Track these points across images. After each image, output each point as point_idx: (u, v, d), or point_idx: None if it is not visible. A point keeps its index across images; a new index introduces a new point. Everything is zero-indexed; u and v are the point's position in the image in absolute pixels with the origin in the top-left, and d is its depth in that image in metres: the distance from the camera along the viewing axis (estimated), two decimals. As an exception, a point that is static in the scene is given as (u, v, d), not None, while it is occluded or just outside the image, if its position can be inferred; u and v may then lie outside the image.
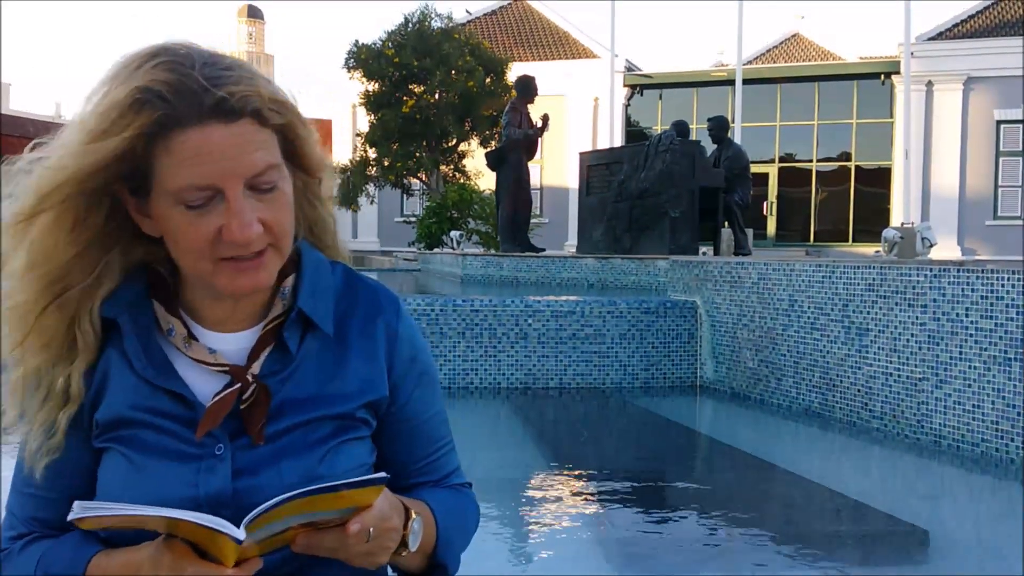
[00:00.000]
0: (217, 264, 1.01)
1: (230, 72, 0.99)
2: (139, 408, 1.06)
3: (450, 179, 20.81)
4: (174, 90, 0.96)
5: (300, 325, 1.10)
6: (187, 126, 0.96)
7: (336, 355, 1.11)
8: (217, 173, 0.97)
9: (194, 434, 1.04)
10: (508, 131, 11.54)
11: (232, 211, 0.98)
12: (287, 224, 1.04)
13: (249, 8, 60.22)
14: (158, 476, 1.03)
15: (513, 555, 3.28)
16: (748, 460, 4.95)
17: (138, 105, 0.96)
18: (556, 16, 27.78)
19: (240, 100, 0.98)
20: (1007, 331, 4.53)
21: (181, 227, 1.00)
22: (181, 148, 0.97)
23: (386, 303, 1.17)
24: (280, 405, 1.06)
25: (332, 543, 0.97)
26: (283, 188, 1.03)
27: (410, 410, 1.17)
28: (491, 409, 6.22)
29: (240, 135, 0.98)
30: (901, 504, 4.11)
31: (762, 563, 3.18)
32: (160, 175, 0.98)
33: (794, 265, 6.01)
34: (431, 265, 13.98)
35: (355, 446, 1.11)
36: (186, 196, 0.98)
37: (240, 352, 1.08)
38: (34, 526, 1.10)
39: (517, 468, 4.65)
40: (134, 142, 0.97)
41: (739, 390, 6.39)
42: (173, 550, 0.94)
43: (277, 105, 1.02)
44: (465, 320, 6.40)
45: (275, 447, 1.05)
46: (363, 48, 20.38)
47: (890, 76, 23.44)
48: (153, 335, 1.08)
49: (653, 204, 10.03)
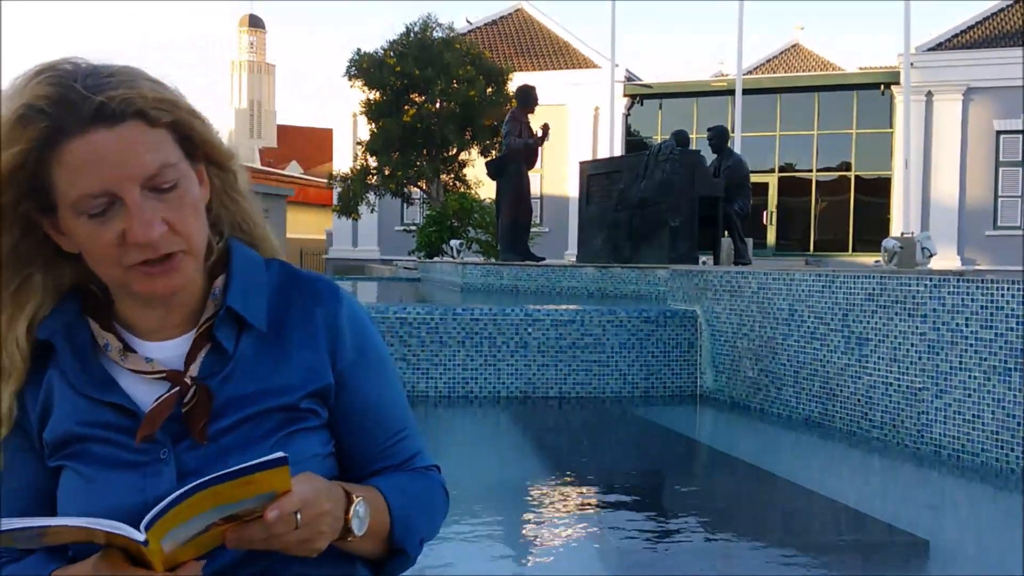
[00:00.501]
0: (128, 271, 1.01)
1: (110, 78, 1.00)
2: (85, 423, 1.07)
3: (450, 188, 20.82)
4: (55, 103, 0.98)
5: (234, 323, 1.10)
6: (72, 136, 0.97)
7: (276, 349, 1.11)
8: (109, 178, 0.98)
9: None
10: (508, 140, 11.56)
11: (131, 213, 0.98)
12: (193, 223, 1.04)
13: (250, 18, 60.25)
14: (108, 486, 1.04)
15: (512, 563, 3.27)
16: (748, 470, 4.95)
17: (24, 121, 0.98)
18: (556, 26, 27.86)
19: (121, 103, 0.98)
20: (1007, 341, 4.53)
21: (87, 237, 1.01)
22: (70, 158, 0.98)
23: (325, 292, 1.17)
24: (223, 404, 1.07)
25: (260, 533, 0.96)
26: (185, 187, 1.04)
27: (362, 396, 1.17)
28: (491, 418, 6.22)
29: (126, 138, 0.99)
30: (901, 514, 4.11)
31: (762, 572, 3.18)
32: (58, 189, 1.00)
33: (794, 275, 6.01)
34: (431, 274, 13.99)
35: (305, 437, 1.10)
36: (84, 205, 0.99)
37: (178, 358, 1.09)
38: (2, 551, 1.10)
39: (516, 477, 4.64)
40: (24, 157, 0.98)
41: (739, 399, 6.39)
42: (109, 560, 0.95)
43: (162, 103, 1.02)
44: (465, 329, 6.40)
45: (221, 445, 1.06)
46: (364, 57, 20.43)
47: (890, 86, 23.48)
48: (90, 352, 1.09)
49: (653, 213, 10.04)
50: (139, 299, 1.08)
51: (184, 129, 1.05)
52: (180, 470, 1.04)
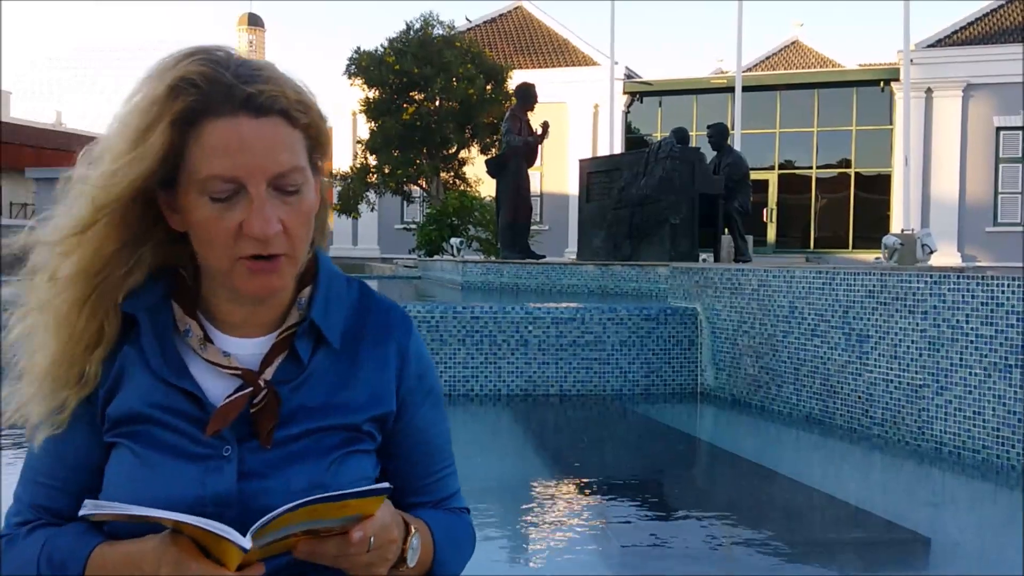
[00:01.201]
0: (235, 263, 1.03)
1: (260, 71, 1.03)
2: (152, 405, 1.07)
3: (450, 186, 20.81)
4: (207, 80, 1.00)
5: (312, 336, 1.12)
6: (218, 116, 1.00)
7: (347, 368, 1.13)
8: (242, 166, 1.00)
9: (203, 434, 1.06)
10: (508, 138, 11.56)
11: (254, 206, 1.00)
12: (304, 231, 1.06)
13: (250, 16, 60.31)
14: (165, 473, 1.05)
15: (513, 561, 3.27)
16: (748, 467, 4.95)
17: (174, 94, 0.99)
18: (556, 23, 27.84)
19: (269, 97, 1.01)
20: (1007, 338, 4.53)
21: (205, 219, 1.02)
22: (211, 137, 1.00)
23: (398, 322, 1.19)
24: (291, 412, 1.08)
25: (334, 550, 0.98)
26: (305, 193, 1.05)
27: (415, 427, 1.19)
28: (491, 416, 6.22)
29: (268, 132, 1.01)
30: (902, 511, 4.11)
31: (763, 570, 3.18)
32: (189, 164, 1.01)
33: (794, 272, 6.01)
34: (431, 272, 13.98)
35: (360, 458, 1.12)
36: (211, 187, 1.00)
37: (253, 357, 1.10)
38: (40, 514, 1.11)
39: (517, 475, 4.65)
40: (171, 133, 0.99)
41: (739, 397, 6.39)
42: (178, 545, 0.95)
43: (303, 106, 1.04)
44: (465, 327, 6.40)
45: (284, 452, 1.07)
46: (364, 55, 20.41)
47: (889, 83, 23.47)
48: (170, 335, 1.10)
49: (653, 211, 10.04)
50: (230, 292, 1.09)
51: (314, 135, 1.07)
52: (241, 470, 1.05)
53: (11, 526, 1.12)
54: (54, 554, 1.06)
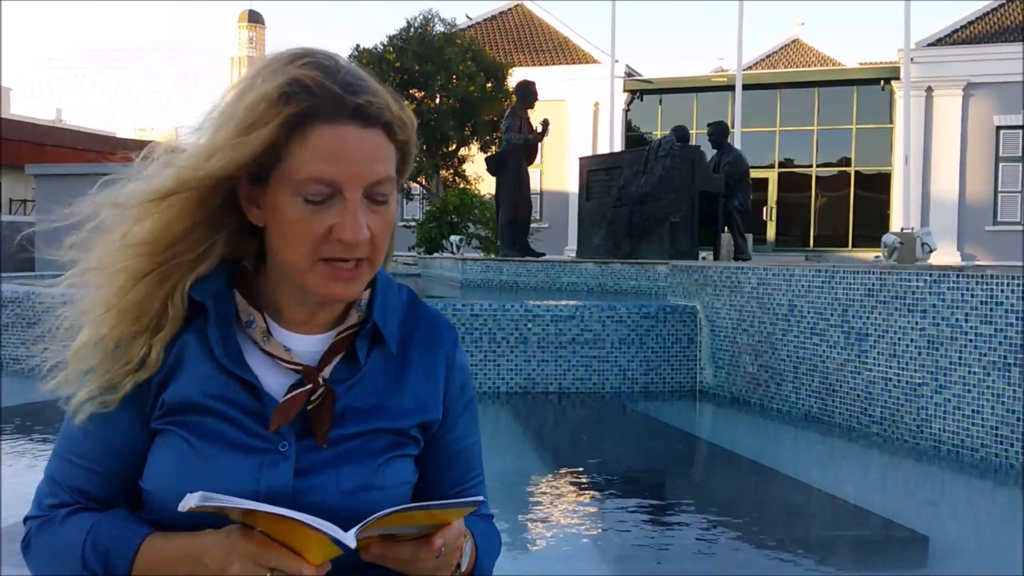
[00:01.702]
0: (316, 264, 1.04)
1: (366, 83, 1.05)
2: (209, 395, 1.07)
3: (450, 184, 20.81)
4: (320, 86, 1.01)
5: (370, 338, 1.13)
6: (327, 121, 1.01)
7: (397, 372, 1.14)
8: (343, 172, 1.01)
9: (259, 427, 1.06)
10: (508, 136, 11.55)
11: (348, 211, 1.01)
12: (386, 240, 1.08)
13: (250, 13, 60.14)
14: (219, 465, 1.04)
15: (512, 558, 3.27)
16: (747, 465, 4.95)
17: (286, 97, 1.01)
18: (556, 21, 27.81)
19: (377, 109, 1.03)
20: (1007, 336, 4.53)
21: (295, 219, 1.02)
22: (317, 141, 1.01)
23: (446, 331, 1.22)
24: (343, 411, 1.09)
25: (407, 555, 1.00)
26: (391, 205, 1.07)
27: (455, 435, 1.21)
28: (491, 413, 6.22)
29: (372, 142, 1.03)
30: (900, 509, 4.11)
31: (761, 567, 3.18)
32: (289, 164, 1.02)
33: (794, 270, 6.01)
34: (431, 270, 13.98)
35: (403, 463, 1.13)
36: (308, 189, 1.01)
37: (311, 354, 1.11)
38: (77, 497, 1.09)
39: (516, 472, 4.65)
40: (278, 133, 1.00)
41: (738, 395, 6.39)
42: (253, 539, 0.94)
43: (402, 123, 1.06)
44: (465, 324, 6.40)
45: (336, 451, 1.08)
46: (364, 52, 20.41)
47: (890, 82, 23.47)
48: (232, 325, 1.10)
49: (653, 209, 10.04)
50: (298, 292, 1.10)
51: (405, 152, 1.09)
52: (296, 467, 1.05)
53: (44, 507, 1.10)
54: (99, 541, 1.04)
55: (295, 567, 0.93)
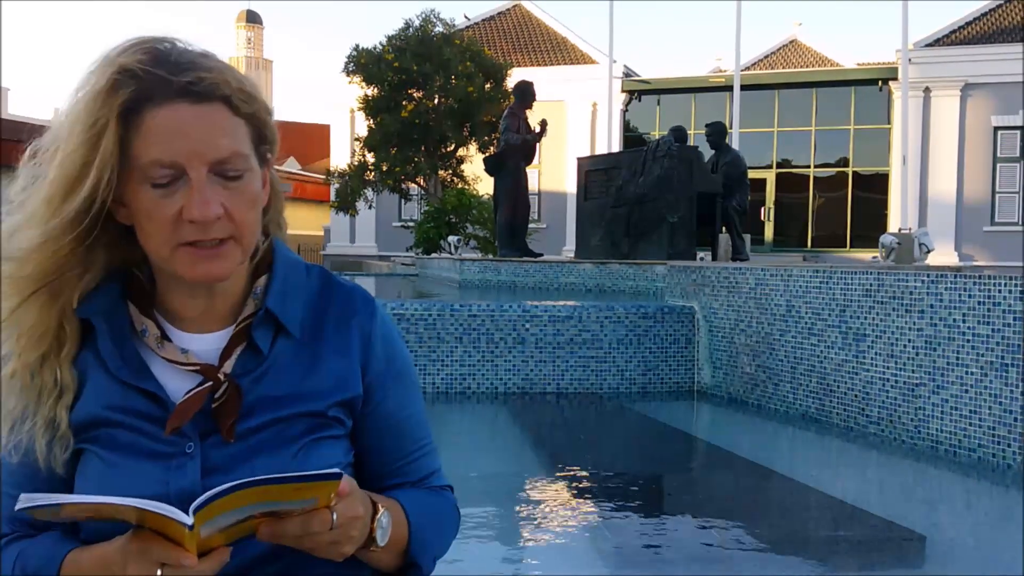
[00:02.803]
0: (176, 250, 1.02)
1: (203, 59, 1.04)
2: (114, 408, 1.07)
3: (448, 184, 20.81)
4: (147, 69, 1.00)
5: (271, 325, 1.11)
6: (158, 103, 1.00)
7: (309, 355, 1.12)
8: (182, 151, 1.00)
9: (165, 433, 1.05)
10: (506, 136, 11.55)
11: (193, 190, 1.00)
12: (249, 215, 1.05)
13: (248, 13, 60.10)
14: (130, 474, 1.04)
15: (510, 559, 3.28)
16: (745, 465, 4.95)
17: (116, 86, 1.00)
18: (554, 22, 27.82)
19: (210, 84, 1.01)
20: (1004, 337, 4.54)
21: (146, 206, 1.01)
22: (151, 124, 1.00)
23: (361, 304, 1.18)
24: (253, 404, 1.07)
25: (296, 530, 0.98)
26: (250, 180, 1.05)
27: (386, 409, 1.18)
28: (489, 414, 6.22)
29: (208, 118, 1.01)
30: (898, 509, 4.11)
31: (759, 568, 3.18)
32: (132, 154, 1.01)
33: (791, 270, 6.01)
34: (429, 270, 13.98)
35: (330, 445, 1.11)
36: (152, 173, 1.00)
37: (213, 352, 1.09)
38: (16, 526, 1.10)
39: (514, 473, 4.65)
40: (117, 127, 1.00)
41: (736, 395, 6.40)
42: (141, 537, 0.95)
43: (245, 95, 1.05)
44: (463, 325, 6.40)
45: (248, 444, 1.06)
46: (363, 52, 20.39)
47: (888, 82, 23.48)
48: (128, 336, 1.09)
49: (651, 209, 10.04)
50: (182, 286, 1.09)
51: (259, 125, 1.08)
52: (205, 466, 1.05)
53: None
54: (28, 564, 1.06)
55: (175, 557, 0.93)
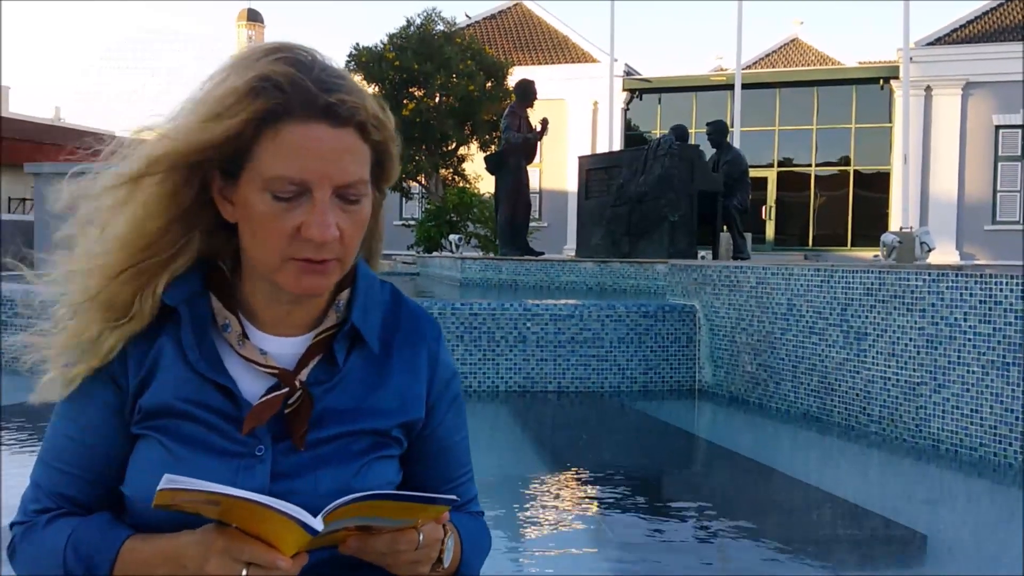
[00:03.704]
0: (285, 262, 1.03)
1: (342, 80, 1.03)
2: (186, 399, 1.06)
3: (449, 183, 20.80)
4: (291, 83, 1.00)
5: (350, 339, 1.12)
6: (297, 119, 1.00)
7: (379, 372, 1.13)
8: (312, 171, 1.00)
9: (236, 431, 1.05)
10: (507, 135, 11.55)
11: (316, 210, 1.00)
12: (357, 240, 1.07)
13: (249, 12, 60.19)
14: (195, 469, 1.03)
15: (511, 557, 3.28)
16: (746, 464, 4.95)
17: (255, 92, 0.99)
18: (555, 20, 27.81)
19: (349, 109, 1.01)
20: (1005, 336, 4.54)
21: (264, 216, 1.01)
22: (287, 138, 1.00)
23: (429, 328, 1.20)
24: (322, 414, 1.08)
25: (383, 548, 0.99)
26: (364, 205, 1.06)
27: (441, 433, 1.19)
28: (490, 412, 6.22)
29: (342, 141, 1.01)
30: (899, 508, 4.11)
31: (760, 566, 3.18)
32: (258, 160, 1.01)
33: (792, 269, 6.01)
34: (430, 268, 13.98)
35: (386, 464, 1.12)
36: (277, 186, 1.00)
37: (289, 357, 1.10)
38: (61, 502, 1.09)
39: (515, 471, 4.65)
40: (245, 126, 0.99)
41: (737, 394, 6.39)
42: (229, 534, 0.94)
43: (378, 123, 1.05)
44: (464, 323, 6.40)
45: (314, 454, 1.07)
46: (363, 51, 20.38)
47: (889, 81, 23.47)
48: (208, 329, 1.09)
49: (652, 208, 10.04)
50: (270, 290, 1.09)
51: (381, 153, 1.08)
52: (273, 470, 1.05)
53: (29, 512, 1.10)
54: (80, 546, 1.05)
55: (269, 559, 0.92)
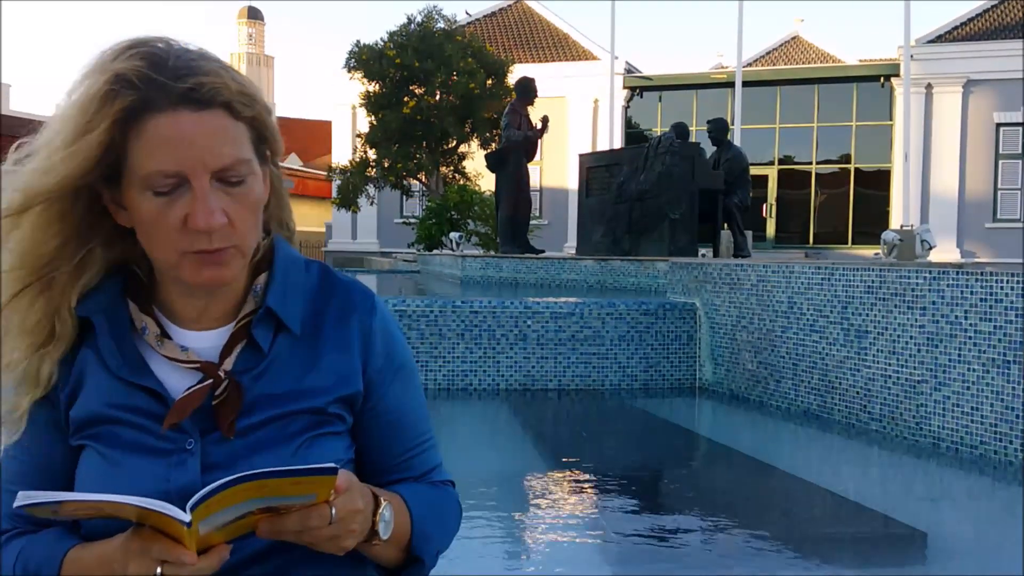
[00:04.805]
0: (181, 256, 1.02)
1: (201, 63, 1.01)
2: (114, 406, 1.07)
3: (450, 180, 20.80)
4: (146, 77, 0.98)
5: (271, 323, 1.11)
6: (158, 111, 0.98)
7: (309, 351, 1.12)
8: (184, 160, 0.99)
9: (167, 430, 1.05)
10: (508, 133, 11.55)
11: (197, 199, 0.99)
12: (250, 221, 1.05)
13: (249, 9, 60.06)
14: (131, 471, 1.04)
15: (511, 556, 3.28)
16: (747, 462, 4.96)
17: (113, 94, 0.98)
18: (556, 18, 27.80)
19: (210, 90, 1.00)
20: (1006, 333, 4.54)
21: (149, 214, 1.01)
22: (152, 133, 0.98)
23: (360, 300, 1.17)
24: (254, 401, 1.07)
25: (295, 525, 0.98)
26: (251, 184, 1.04)
27: (387, 405, 1.18)
28: (490, 410, 6.23)
29: (210, 125, 1.00)
30: (899, 506, 4.12)
31: (760, 564, 3.18)
32: (131, 161, 1.00)
33: (793, 267, 6.01)
34: (430, 266, 13.98)
35: (330, 440, 1.11)
36: (153, 182, 0.99)
37: (214, 350, 1.09)
38: (16, 522, 1.10)
39: (516, 469, 4.65)
40: (112, 131, 0.98)
41: (738, 392, 6.40)
42: (141, 535, 0.95)
43: (246, 98, 1.03)
44: (464, 321, 6.40)
45: (248, 441, 1.06)
46: (364, 49, 20.38)
47: (890, 79, 23.45)
48: (128, 334, 1.09)
49: (653, 206, 10.04)
50: (182, 286, 1.08)
51: (260, 126, 1.06)
52: (205, 462, 1.05)
53: None
54: (29, 562, 1.06)
55: (174, 554, 0.92)
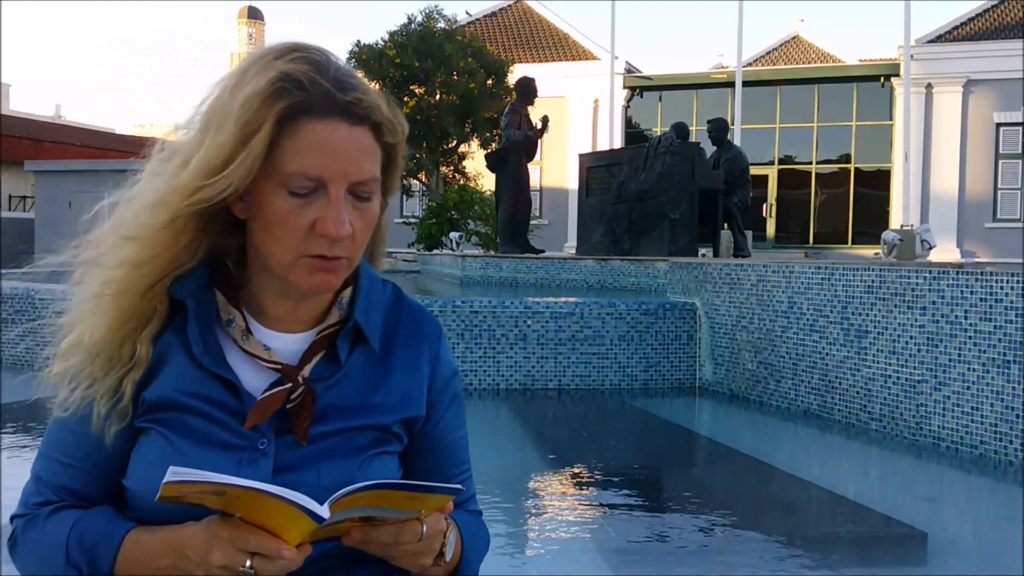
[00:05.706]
0: (299, 258, 1.04)
1: (356, 81, 1.06)
2: (189, 393, 1.07)
3: (450, 180, 20.81)
4: (311, 81, 1.02)
5: (352, 336, 1.13)
6: (316, 117, 1.01)
7: (380, 369, 1.14)
8: (329, 168, 1.01)
9: (239, 425, 1.06)
10: (508, 133, 11.55)
11: (332, 206, 1.02)
12: (365, 239, 1.08)
13: (249, 9, 60.11)
14: (198, 461, 1.03)
15: (511, 556, 3.28)
16: (747, 461, 4.96)
17: (277, 93, 1.00)
18: (556, 18, 27.80)
19: (366, 108, 1.03)
20: (1006, 333, 4.54)
21: (280, 212, 1.02)
22: (306, 136, 1.01)
23: (430, 327, 1.21)
24: (324, 410, 1.09)
25: (387, 538, 1.00)
26: (375, 204, 1.07)
27: (440, 430, 1.21)
28: (490, 410, 6.23)
29: (359, 140, 1.03)
30: (900, 506, 4.12)
31: (760, 564, 3.18)
32: (277, 157, 1.01)
33: (793, 267, 6.01)
34: (430, 266, 13.98)
35: (387, 459, 1.14)
36: (294, 182, 1.01)
37: (292, 353, 1.11)
38: (63, 495, 1.10)
39: (516, 469, 4.65)
40: (273, 130, 1.00)
41: (738, 392, 6.40)
42: (233, 524, 0.94)
43: (393, 124, 1.07)
44: (464, 321, 6.40)
45: (316, 449, 1.08)
46: (364, 48, 20.38)
47: (890, 78, 23.45)
48: (212, 323, 1.10)
49: (653, 206, 10.04)
50: (279, 286, 1.10)
51: (391, 156, 1.09)
52: (276, 464, 1.06)
53: (30, 505, 1.11)
54: (84, 537, 1.05)
55: (273, 548, 0.92)
